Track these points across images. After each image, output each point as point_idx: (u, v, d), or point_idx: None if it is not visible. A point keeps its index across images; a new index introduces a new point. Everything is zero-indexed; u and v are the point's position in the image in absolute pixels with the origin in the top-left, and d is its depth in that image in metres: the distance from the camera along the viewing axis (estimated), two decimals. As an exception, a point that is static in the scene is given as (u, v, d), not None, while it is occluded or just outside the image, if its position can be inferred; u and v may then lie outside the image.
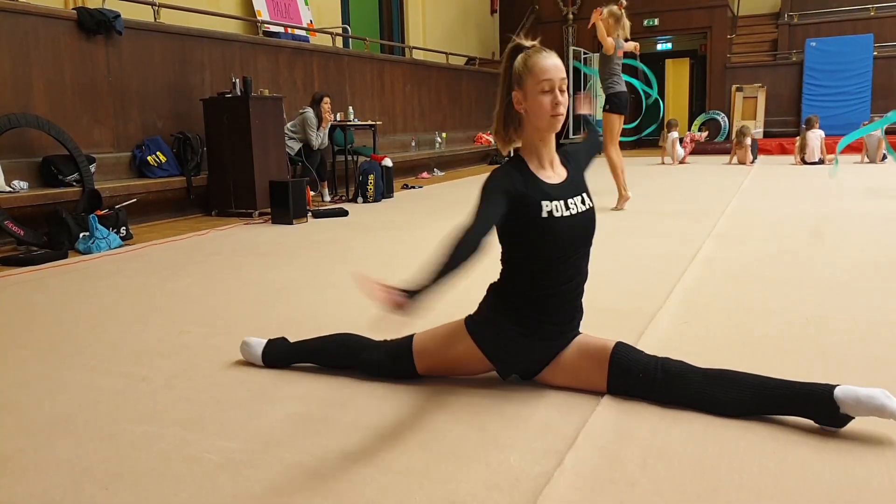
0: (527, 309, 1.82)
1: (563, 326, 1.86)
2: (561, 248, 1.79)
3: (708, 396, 1.66)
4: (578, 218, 1.82)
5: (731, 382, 1.66)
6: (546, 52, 1.79)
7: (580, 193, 1.86)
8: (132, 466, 1.53)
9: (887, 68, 12.22)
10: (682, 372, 1.71)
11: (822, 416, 1.54)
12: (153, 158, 5.89)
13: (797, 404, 1.57)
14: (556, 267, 1.80)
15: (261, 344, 2.15)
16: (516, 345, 1.85)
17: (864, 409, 1.49)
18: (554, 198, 1.79)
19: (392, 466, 1.48)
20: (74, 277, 3.68)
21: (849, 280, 3.04)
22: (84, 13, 5.50)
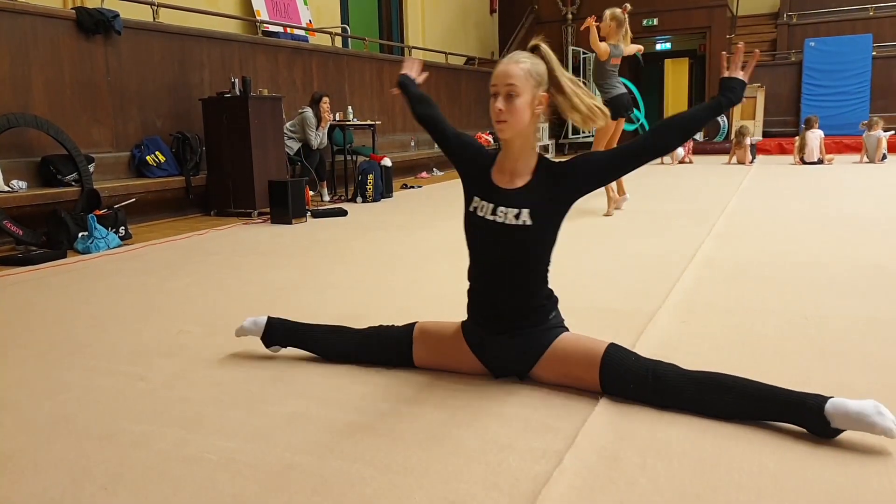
0: (471, 298, 1.92)
1: (493, 324, 1.86)
2: (475, 247, 1.88)
3: (699, 404, 1.65)
4: (497, 227, 1.79)
5: (723, 390, 1.63)
6: (507, 58, 1.80)
7: (519, 208, 1.78)
8: (131, 466, 1.52)
9: (886, 68, 12.23)
10: (674, 380, 1.67)
11: (812, 428, 1.53)
12: (152, 158, 5.89)
13: (788, 414, 1.56)
14: (476, 262, 1.89)
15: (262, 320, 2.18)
16: (480, 338, 1.90)
17: (853, 425, 1.47)
18: (485, 198, 1.84)
19: (391, 466, 1.48)
20: (73, 277, 3.68)
21: (848, 280, 3.04)
22: (83, 13, 5.50)
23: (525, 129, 1.79)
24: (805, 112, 12.04)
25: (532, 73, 1.77)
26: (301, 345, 2.16)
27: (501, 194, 1.82)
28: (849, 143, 10.85)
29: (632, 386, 1.71)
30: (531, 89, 1.77)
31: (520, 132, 1.79)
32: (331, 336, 2.12)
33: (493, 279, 1.86)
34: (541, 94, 1.80)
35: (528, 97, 1.77)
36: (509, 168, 1.85)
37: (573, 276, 3.32)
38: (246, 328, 2.19)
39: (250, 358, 2.20)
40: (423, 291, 3.09)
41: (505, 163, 1.86)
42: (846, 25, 12.84)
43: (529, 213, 1.77)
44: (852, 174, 8.00)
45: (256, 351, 2.22)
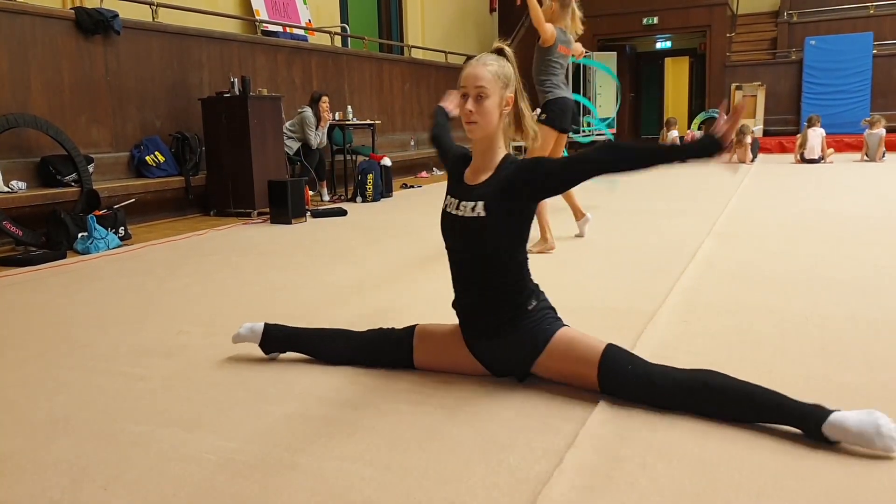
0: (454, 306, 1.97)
1: (471, 325, 1.90)
2: (447, 244, 1.96)
3: (696, 407, 1.64)
4: (459, 221, 1.86)
5: (719, 394, 1.61)
6: (474, 60, 1.86)
7: (476, 200, 1.83)
8: (131, 466, 1.52)
9: (886, 67, 12.22)
10: (671, 384, 1.66)
11: (809, 434, 1.52)
12: (151, 158, 5.88)
13: (783, 420, 1.56)
14: (450, 262, 1.96)
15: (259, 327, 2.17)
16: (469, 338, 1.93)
17: (851, 441, 1.46)
18: (453, 195, 1.92)
19: (391, 466, 1.48)
20: (73, 278, 3.68)
21: (848, 279, 3.04)
22: (82, 13, 5.49)
23: (494, 128, 1.85)
24: (806, 110, 12.04)
25: (500, 74, 1.83)
26: (300, 350, 2.16)
27: (465, 190, 1.90)
28: (849, 142, 10.84)
29: (629, 387, 1.71)
30: (499, 90, 1.83)
31: (492, 131, 1.86)
32: (329, 340, 2.12)
33: (466, 278, 1.92)
34: (508, 95, 1.86)
35: (496, 98, 1.83)
36: (477, 166, 1.92)
37: (573, 276, 3.31)
38: (242, 335, 2.17)
39: (250, 358, 2.20)
40: (424, 291, 3.09)
41: (474, 162, 1.94)
42: (846, 24, 12.83)
43: (483, 205, 1.82)
44: (853, 173, 7.99)
45: (256, 351, 2.21)
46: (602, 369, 1.73)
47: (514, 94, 1.87)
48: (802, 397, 1.57)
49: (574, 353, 1.79)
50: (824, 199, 5.75)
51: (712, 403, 1.62)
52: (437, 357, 1.99)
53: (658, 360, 1.79)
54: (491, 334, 1.88)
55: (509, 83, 1.86)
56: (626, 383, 1.71)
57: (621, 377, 1.71)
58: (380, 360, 2.04)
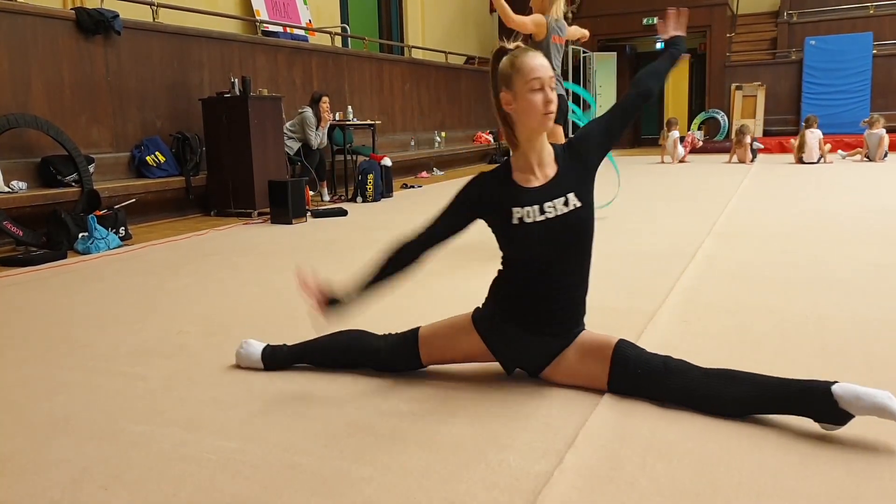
0: (516, 306, 1.86)
1: (551, 327, 1.85)
2: (536, 253, 1.80)
3: (708, 393, 1.66)
4: (556, 221, 1.78)
5: (730, 380, 1.66)
6: (533, 52, 1.81)
7: (564, 194, 1.79)
8: (131, 466, 1.52)
9: (886, 67, 12.22)
10: (683, 369, 1.71)
11: (820, 414, 1.52)
12: (152, 158, 5.89)
13: (796, 401, 1.56)
14: (536, 270, 1.82)
15: (258, 347, 2.12)
16: (512, 339, 1.88)
17: (863, 406, 1.47)
18: (527, 203, 1.79)
19: (391, 466, 1.48)
20: (73, 278, 3.68)
21: (848, 279, 3.04)
22: (82, 13, 5.50)
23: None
24: (806, 110, 12.03)
25: None
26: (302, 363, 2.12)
27: (541, 192, 1.81)
28: (849, 142, 10.84)
29: (639, 371, 1.72)
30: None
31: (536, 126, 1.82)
32: (330, 353, 2.08)
33: (556, 279, 1.82)
34: None
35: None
36: (531, 164, 1.83)
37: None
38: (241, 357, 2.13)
39: (250, 358, 2.20)
40: (425, 291, 3.09)
41: (529, 160, 1.83)
42: (846, 24, 12.83)
43: (575, 195, 1.81)
44: (853, 173, 7.98)
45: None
46: (615, 361, 1.75)
47: None
48: (802, 397, 1.57)
49: (587, 347, 1.82)
50: (824, 200, 5.75)
51: (729, 387, 1.64)
52: (445, 349, 1.95)
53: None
54: (559, 332, 1.85)
55: None
56: (641, 373, 1.72)
57: (636, 366, 1.73)
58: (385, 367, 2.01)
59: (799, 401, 1.56)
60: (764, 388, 1.61)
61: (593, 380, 1.80)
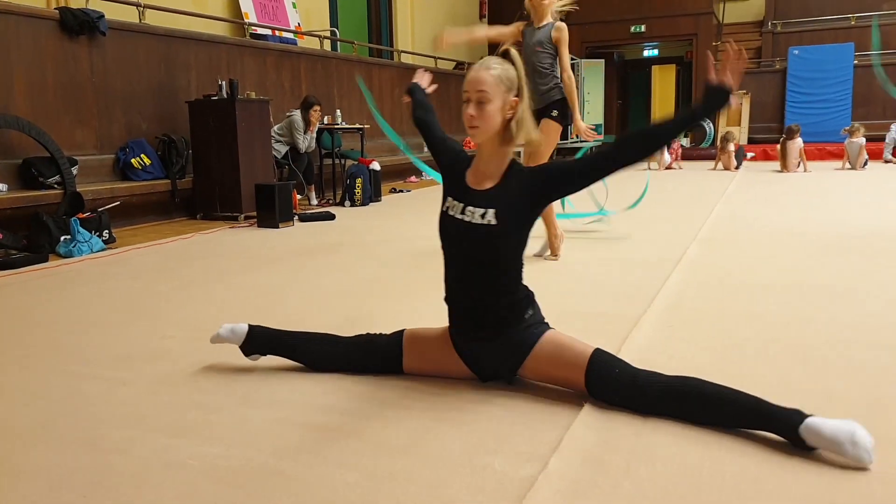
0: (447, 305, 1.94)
1: (463, 327, 1.89)
2: (446, 247, 1.91)
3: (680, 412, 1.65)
4: (466, 227, 1.83)
5: (702, 399, 1.63)
6: (478, 64, 1.84)
7: (485, 208, 1.81)
8: (112, 473, 1.50)
9: (867, 77, 12.39)
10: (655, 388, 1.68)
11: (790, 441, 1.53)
12: (137, 161, 5.84)
13: (762, 425, 1.57)
14: (448, 264, 1.92)
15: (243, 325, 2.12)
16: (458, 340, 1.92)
17: (827, 446, 1.46)
18: (457, 197, 1.88)
19: (376, 472, 1.47)
20: (55, 281, 3.64)
21: (829, 285, 3.07)
22: (67, 13, 5.45)
23: (497, 132, 1.83)
24: (789, 119, 12.18)
25: (502, 78, 1.81)
26: (283, 353, 2.11)
27: (471, 194, 1.87)
28: (831, 150, 10.97)
29: (615, 391, 1.72)
30: (501, 95, 1.81)
31: (492, 136, 1.84)
32: (315, 345, 2.09)
33: (464, 281, 1.89)
34: (511, 98, 1.83)
35: (498, 103, 1.81)
36: (481, 170, 1.89)
37: (559, 281, 3.32)
38: (222, 336, 2.12)
39: (234, 363, 2.18)
40: (412, 296, 3.08)
41: (478, 165, 1.91)
42: (828, 34, 13.01)
43: (494, 213, 1.81)
44: (834, 181, 8.08)
45: (240, 357, 2.19)
46: (589, 374, 1.74)
47: (518, 97, 1.84)
48: (784, 402, 1.58)
49: (561, 357, 1.80)
50: (806, 207, 5.82)
51: (697, 408, 1.64)
52: (426, 361, 1.98)
53: (642, 364, 1.80)
54: (481, 336, 1.87)
55: (512, 86, 1.83)
56: (613, 388, 1.72)
57: (608, 382, 1.72)
58: (368, 366, 2.03)
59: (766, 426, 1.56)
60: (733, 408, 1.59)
61: (572, 385, 1.80)
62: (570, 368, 1.78)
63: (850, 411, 1.70)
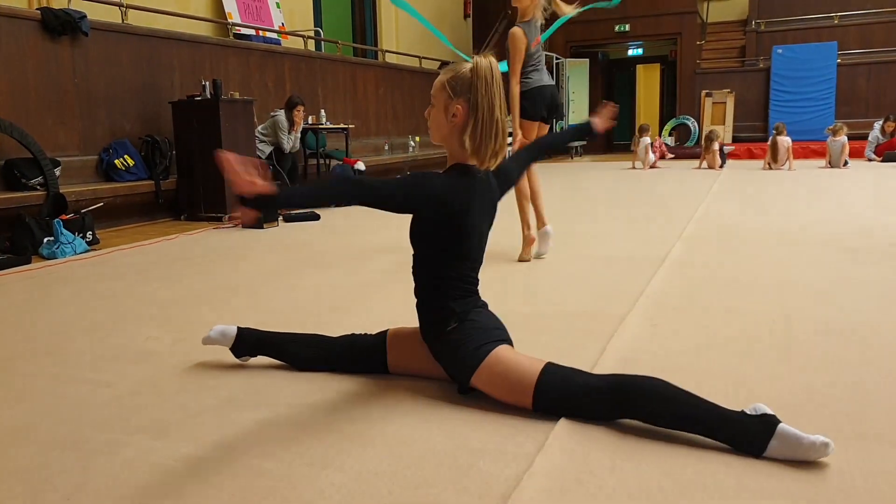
0: None
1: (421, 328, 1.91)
2: None
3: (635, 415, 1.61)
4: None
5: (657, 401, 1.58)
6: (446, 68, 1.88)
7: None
8: (95, 475, 1.49)
9: (850, 75, 12.54)
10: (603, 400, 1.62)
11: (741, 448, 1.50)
12: (120, 162, 5.80)
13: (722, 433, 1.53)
14: None
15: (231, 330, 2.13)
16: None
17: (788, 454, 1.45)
18: None
19: (361, 472, 1.47)
20: (38, 283, 3.60)
21: (812, 282, 3.10)
22: (48, 13, 5.40)
23: (446, 136, 1.85)
24: (773, 118, 12.30)
25: (447, 84, 1.80)
26: (271, 354, 2.13)
27: None
28: (815, 149, 11.08)
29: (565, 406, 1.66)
30: (444, 100, 1.81)
31: (443, 139, 1.86)
32: (302, 345, 2.09)
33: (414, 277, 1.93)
34: (456, 105, 1.79)
35: (440, 108, 1.83)
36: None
37: (544, 280, 3.33)
38: (213, 338, 2.13)
39: (219, 364, 2.18)
40: (396, 295, 3.08)
41: None
42: (811, 33, 13.15)
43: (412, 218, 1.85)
44: (818, 179, 8.16)
45: (225, 357, 2.19)
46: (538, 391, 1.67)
47: (466, 105, 1.77)
48: (768, 398, 1.60)
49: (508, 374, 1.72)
50: (790, 205, 5.87)
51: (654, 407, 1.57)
52: (409, 360, 1.98)
53: (628, 362, 1.81)
54: (427, 338, 1.90)
55: (458, 93, 1.78)
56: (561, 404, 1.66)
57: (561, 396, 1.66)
58: (353, 366, 2.03)
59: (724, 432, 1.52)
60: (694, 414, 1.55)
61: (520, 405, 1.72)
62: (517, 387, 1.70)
63: (832, 408, 1.72)
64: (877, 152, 10.42)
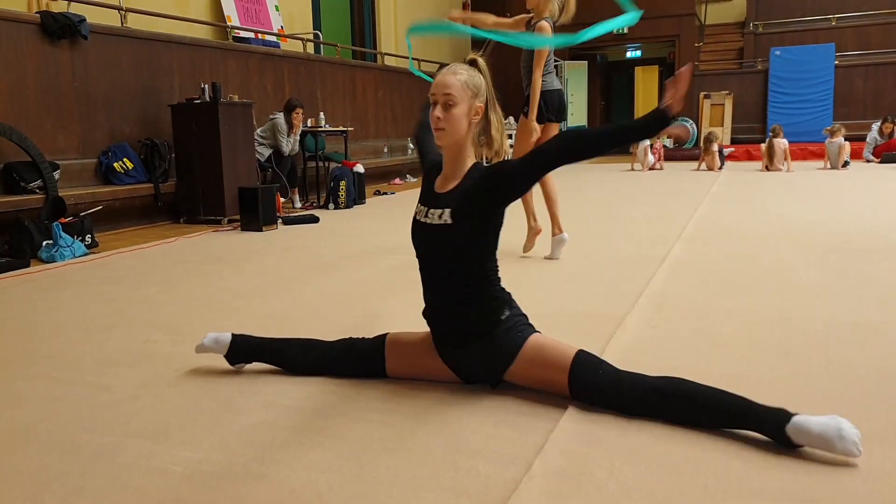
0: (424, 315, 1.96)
1: (440, 332, 1.91)
2: (417, 252, 1.94)
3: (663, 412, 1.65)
4: (428, 228, 1.87)
5: (686, 399, 1.63)
6: (446, 69, 1.88)
7: (444, 208, 1.84)
8: (94, 479, 1.49)
9: (847, 77, 12.55)
10: (639, 389, 1.68)
11: (773, 438, 1.54)
12: (120, 165, 5.80)
13: (748, 425, 1.57)
14: (420, 270, 1.95)
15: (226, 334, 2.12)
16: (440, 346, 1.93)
17: (815, 444, 1.48)
18: (423, 202, 1.93)
19: (360, 475, 1.47)
20: (37, 286, 3.60)
21: (811, 282, 3.10)
22: (48, 17, 5.41)
23: (465, 136, 1.86)
24: (771, 119, 12.31)
25: (469, 84, 1.84)
26: (267, 361, 2.12)
27: (434, 197, 1.91)
28: (813, 150, 11.09)
29: (599, 393, 1.72)
30: (468, 100, 1.84)
31: (461, 139, 1.86)
32: (299, 352, 2.08)
33: (434, 286, 1.91)
34: (477, 104, 1.86)
35: (464, 107, 1.84)
36: (446, 174, 1.92)
37: (544, 281, 3.33)
38: (206, 346, 2.11)
39: (217, 368, 2.17)
40: (396, 299, 3.08)
41: (445, 169, 1.94)
42: (809, 35, 13.18)
43: (450, 212, 1.83)
44: (816, 180, 8.17)
45: (223, 361, 2.18)
46: (572, 375, 1.74)
47: (484, 104, 1.88)
48: (768, 398, 1.59)
49: (545, 359, 1.80)
50: (788, 206, 5.88)
51: (681, 409, 1.64)
52: (409, 364, 1.98)
53: (627, 363, 1.81)
54: (460, 343, 1.88)
55: (479, 93, 1.86)
56: (596, 389, 1.72)
57: (591, 384, 1.73)
58: (351, 371, 2.02)
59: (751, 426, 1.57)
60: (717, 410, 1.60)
61: (555, 388, 1.78)
62: (553, 370, 1.77)
63: (833, 409, 1.72)
64: (875, 153, 10.43)
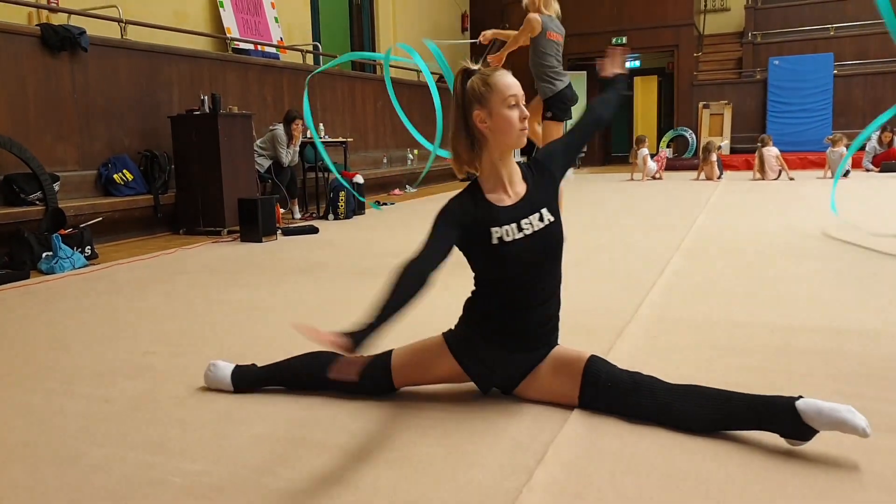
0: (494, 325, 1.86)
1: (528, 343, 1.86)
2: (516, 271, 1.80)
3: (674, 409, 1.67)
4: (535, 237, 1.80)
5: (697, 396, 1.68)
6: (503, 71, 1.85)
7: (538, 210, 1.82)
8: (93, 491, 1.48)
9: (846, 86, 12.60)
10: (650, 384, 1.73)
11: (785, 429, 1.54)
12: (119, 176, 5.81)
13: (761, 417, 1.58)
14: (515, 287, 1.82)
15: (227, 369, 2.07)
16: (489, 359, 1.87)
17: (826, 421, 1.49)
18: (504, 222, 1.78)
19: (360, 486, 1.46)
20: (36, 298, 3.60)
21: (811, 293, 3.10)
22: (48, 29, 5.43)
23: None
24: (770, 128, 12.34)
25: None
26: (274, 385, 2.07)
27: (516, 210, 1.81)
28: (812, 159, 11.11)
29: (609, 385, 1.74)
30: None
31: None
32: (302, 374, 2.02)
33: (533, 295, 1.82)
34: None
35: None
36: (507, 182, 1.84)
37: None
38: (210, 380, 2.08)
39: (218, 378, 2.16)
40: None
41: (501, 179, 1.83)
42: (808, 45, 13.23)
43: (548, 209, 1.85)
44: (815, 190, 8.17)
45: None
46: (586, 376, 1.76)
47: None
48: (767, 410, 1.59)
49: (560, 363, 1.83)
50: (788, 216, 5.88)
51: (695, 403, 1.66)
52: (418, 372, 1.93)
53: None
54: (539, 344, 1.87)
55: None
56: (611, 387, 1.74)
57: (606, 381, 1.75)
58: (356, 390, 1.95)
59: (764, 416, 1.57)
60: (729, 404, 1.63)
61: (564, 396, 1.81)
62: (565, 373, 1.80)
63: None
64: (874, 162, 10.45)
